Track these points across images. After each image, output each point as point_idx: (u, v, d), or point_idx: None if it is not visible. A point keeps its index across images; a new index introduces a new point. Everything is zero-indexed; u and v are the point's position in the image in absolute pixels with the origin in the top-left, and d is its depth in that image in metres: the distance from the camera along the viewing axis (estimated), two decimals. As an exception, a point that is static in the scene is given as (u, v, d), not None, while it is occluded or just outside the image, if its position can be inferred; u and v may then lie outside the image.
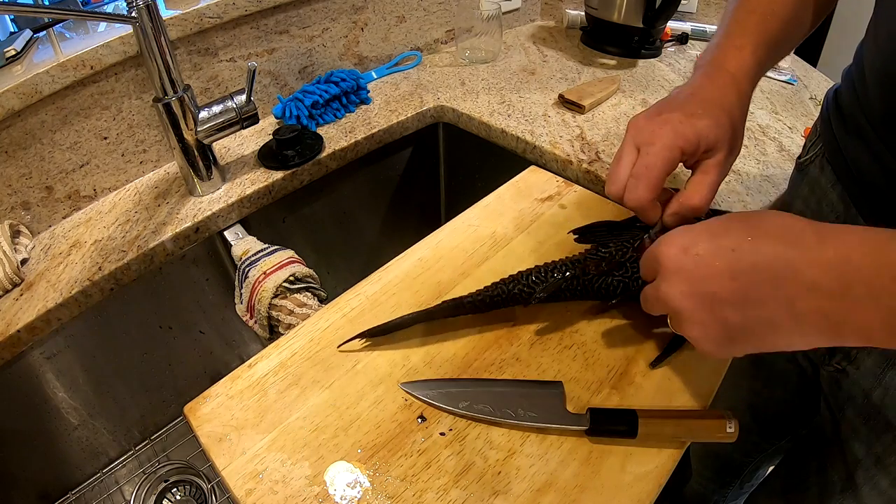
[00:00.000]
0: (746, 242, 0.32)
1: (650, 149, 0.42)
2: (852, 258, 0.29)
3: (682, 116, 0.42)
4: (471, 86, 0.92)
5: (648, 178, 0.42)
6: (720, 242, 0.33)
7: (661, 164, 0.42)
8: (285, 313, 0.62)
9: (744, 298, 0.32)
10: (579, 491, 0.38)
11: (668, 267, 0.35)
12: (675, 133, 0.42)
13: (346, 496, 0.38)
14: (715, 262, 0.33)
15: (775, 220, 0.33)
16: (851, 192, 0.47)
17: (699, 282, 0.33)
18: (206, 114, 0.68)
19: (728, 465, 0.82)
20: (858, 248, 0.29)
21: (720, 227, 0.34)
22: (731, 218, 0.35)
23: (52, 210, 0.70)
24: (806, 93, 0.86)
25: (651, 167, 0.42)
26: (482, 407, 0.42)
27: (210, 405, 0.44)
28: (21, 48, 0.67)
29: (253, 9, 0.77)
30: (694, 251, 0.34)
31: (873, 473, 0.47)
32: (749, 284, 0.31)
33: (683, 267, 0.34)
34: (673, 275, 0.35)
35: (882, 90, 0.42)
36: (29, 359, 0.62)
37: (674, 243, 0.35)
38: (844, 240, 0.30)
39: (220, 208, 0.70)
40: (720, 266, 0.32)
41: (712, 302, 0.33)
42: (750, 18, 0.47)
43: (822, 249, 0.30)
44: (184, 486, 0.73)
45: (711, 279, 0.33)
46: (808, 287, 0.30)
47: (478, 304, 0.47)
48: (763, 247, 0.31)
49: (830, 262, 0.29)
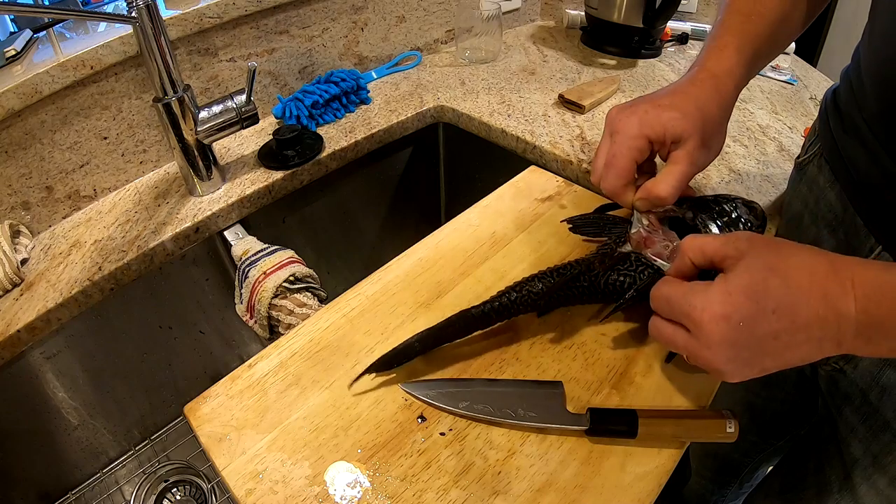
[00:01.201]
0: (785, 303, 0.33)
1: (617, 137, 0.46)
2: (869, 308, 0.32)
3: (649, 107, 0.45)
4: (471, 86, 0.92)
5: (616, 166, 0.45)
6: (762, 306, 0.33)
7: (626, 151, 0.45)
8: (285, 313, 0.62)
9: (782, 351, 0.34)
10: (579, 491, 0.38)
11: (711, 337, 0.35)
12: (641, 122, 0.44)
13: (346, 496, 0.38)
14: (758, 329, 0.34)
15: (803, 265, 0.34)
16: (849, 191, 0.47)
17: (744, 349, 0.34)
18: (206, 114, 0.68)
19: (727, 465, 0.82)
20: (873, 296, 0.32)
21: (759, 287, 0.34)
22: (764, 270, 0.35)
23: (52, 210, 0.70)
24: (806, 93, 0.86)
25: (618, 155, 0.45)
26: (482, 407, 0.42)
27: (210, 405, 0.44)
28: (21, 48, 0.67)
29: (253, 9, 0.77)
30: (737, 320, 0.34)
31: (871, 473, 0.47)
32: (788, 339, 0.34)
33: (727, 338, 0.34)
34: (717, 345, 0.35)
35: (878, 90, 0.42)
36: (29, 359, 0.62)
37: (713, 312, 0.35)
38: (861, 284, 0.32)
39: (220, 208, 0.70)
40: (764, 331, 0.34)
41: (755, 358, 0.35)
42: (734, 19, 0.49)
43: (845, 297, 0.32)
44: (184, 486, 0.73)
45: (756, 344, 0.34)
46: (835, 335, 0.33)
47: (487, 314, 0.45)
48: (801, 307, 0.33)
49: (851, 312, 0.32)
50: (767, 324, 0.33)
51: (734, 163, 0.70)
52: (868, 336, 0.32)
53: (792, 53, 0.98)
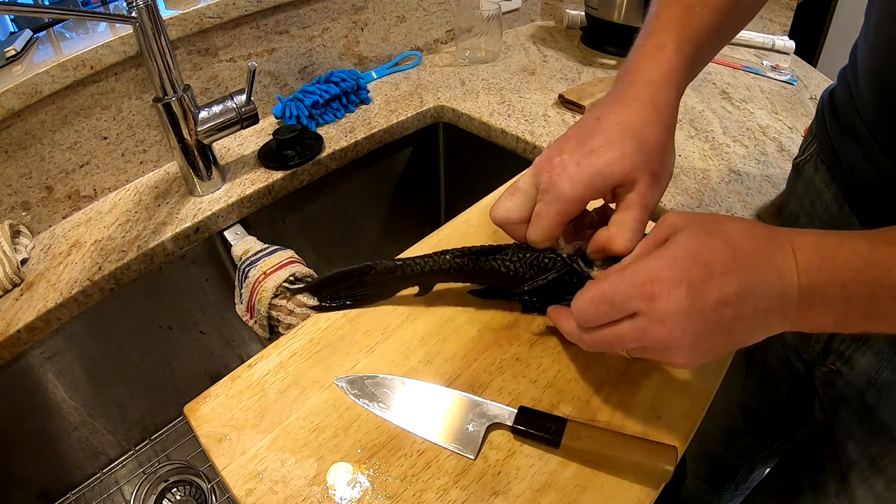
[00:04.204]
0: (731, 266, 0.32)
1: (546, 197, 0.40)
2: (809, 271, 0.31)
3: (580, 158, 0.39)
4: (471, 86, 0.92)
5: (542, 226, 0.40)
6: (710, 269, 0.32)
7: (554, 216, 0.40)
8: (285, 313, 0.62)
9: (731, 322, 0.32)
10: (579, 491, 0.38)
11: (666, 308, 0.32)
12: (573, 181, 0.38)
13: (346, 496, 0.38)
14: (710, 294, 0.31)
15: (744, 230, 0.33)
16: (845, 191, 0.47)
17: (698, 318, 0.32)
18: (206, 114, 0.68)
19: (722, 467, 0.82)
20: (812, 260, 0.31)
21: (704, 250, 0.32)
22: (706, 235, 0.33)
23: (52, 210, 0.70)
24: (806, 93, 0.86)
25: (545, 216, 0.40)
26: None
27: (210, 405, 0.44)
28: (21, 48, 0.67)
29: (253, 9, 0.77)
30: (688, 284, 0.32)
31: (868, 476, 0.47)
32: (737, 308, 0.32)
33: (682, 306, 0.31)
34: (673, 316, 0.32)
35: (874, 88, 0.42)
36: (29, 359, 0.62)
37: (665, 278, 0.32)
38: (800, 248, 0.32)
39: (220, 208, 0.70)
40: (716, 297, 0.31)
41: (707, 332, 0.32)
42: (672, 11, 0.42)
43: (786, 259, 0.32)
44: (184, 486, 0.73)
45: (709, 312, 0.32)
46: (779, 304, 0.32)
47: (403, 269, 0.47)
48: (747, 270, 0.32)
49: (793, 275, 0.31)
50: (718, 288, 0.31)
51: (734, 163, 0.70)
52: (810, 303, 0.31)
53: (792, 53, 0.98)
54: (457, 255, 0.46)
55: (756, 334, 0.33)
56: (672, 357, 0.34)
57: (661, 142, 0.40)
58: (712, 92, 0.87)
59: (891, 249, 0.30)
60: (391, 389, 0.43)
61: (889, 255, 0.30)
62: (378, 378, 0.44)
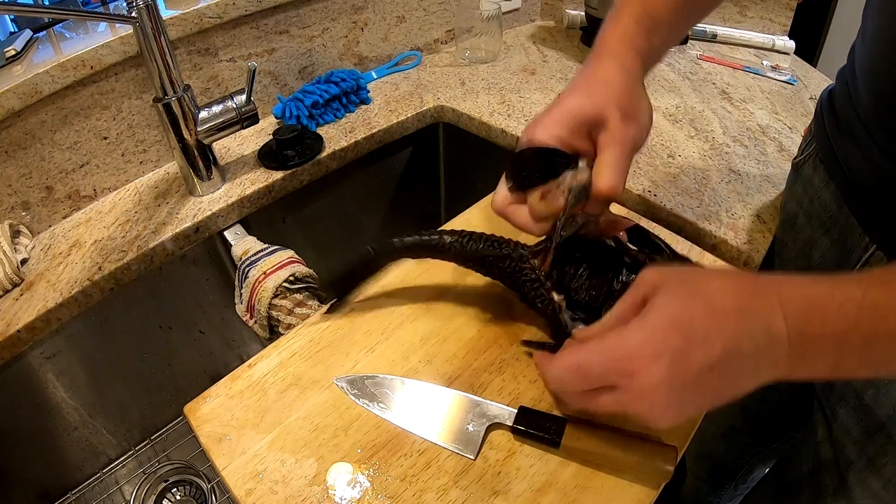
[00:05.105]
0: (713, 329, 0.30)
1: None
2: (799, 325, 0.30)
3: (551, 108, 0.41)
4: (471, 86, 0.92)
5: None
6: (690, 336, 0.30)
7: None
8: (285, 313, 0.62)
9: (718, 383, 0.31)
10: (579, 491, 0.38)
11: (645, 385, 0.31)
12: (543, 126, 0.40)
13: (346, 496, 0.38)
14: (692, 363, 0.30)
15: (725, 287, 0.32)
16: (843, 191, 0.47)
17: (681, 388, 0.31)
18: (206, 114, 0.68)
19: (722, 466, 0.82)
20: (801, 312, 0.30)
21: (683, 317, 0.31)
22: (685, 298, 0.32)
23: (52, 210, 0.70)
24: (806, 93, 0.86)
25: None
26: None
27: (210, 405, 0.44)
28: (21, 48, 0.67)
29: (253, 9, 0.77)
30: (669, 357, 0.30)
31: (865, 476, 0.47)
32: (722, 369, 0.31)
33: (663, 381, 0.30)
34: (653, 391, 0.31)
35: (871, 89, 0.42)
36: (29, 359, 0.62)
37: (642, 354, 0.31)
38: (788, 301, 0.30)
39: (220, 208, 0.70)
40: (699, 364, 0.30)
41: (693, 397, 0.32)
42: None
43: (773, 315, 0.30)
44: (184, 486, 0.73)
45: (693, 380, 0.31)
46: (769, 359, 0.31)
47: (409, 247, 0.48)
48: (730, 331, 0.30)
49: (782, 331, 0.30)
50: (701, 354, 0.30)
51: (734, 163, 0.70)
52: (802, 354, 0.30)
53: (792, 53, 0.98)
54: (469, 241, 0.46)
55: (745, 388, 0.32)
56: (656, 425, 0.32)
57: (629, 84, 0.41)
58: (712, 92, 0.87)
59: (886, 291, 0.29)
60: (391, 389, 0.43)
61: (885, 298, 0.29)
62: (378, 378, 0.44)
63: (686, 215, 0.62)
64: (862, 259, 0.44)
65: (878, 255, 0.43)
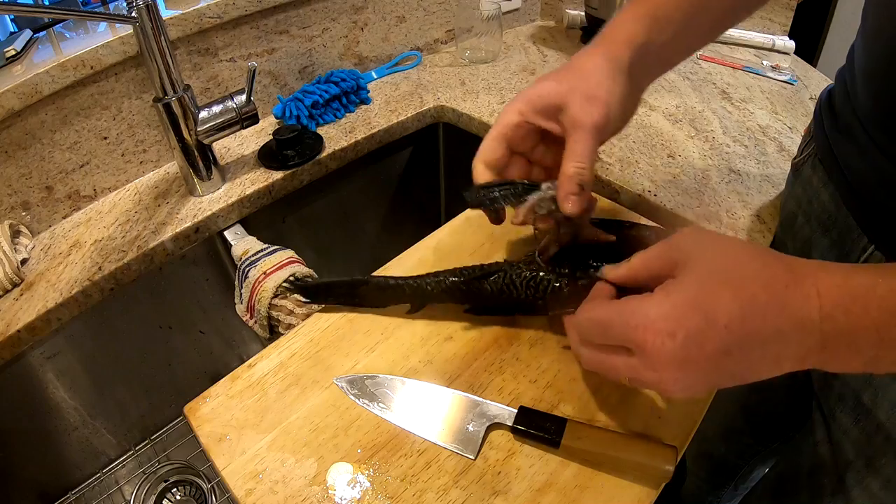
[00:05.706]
0: (737, 317, 0.30)
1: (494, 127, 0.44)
2: (836, 316, 0.29)
3: (527, 88, 0.43)
4: (471, 86, 0.92)
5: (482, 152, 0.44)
6: (711, 319, 0.30)
7: (495, 135, 0.43)
8: (285, 313, 0.62)
9: (734, 368, 0.31)
10: (579, 491, 0.38)
11: (656, 358, 0.31)
12: (513, 107, 0.43)
13: (346, 496, 0.38)
14: (708, 346, 0.30)
15: (759, 275, 0.31)
16: (842, 191, 0.47)
17: (693, 368, 0.31)
18: (206, 114, 0.68)
19: (722, 466, 0.82)
20: (840, 303, 0.29)
21: (708, 299, 0.30)
22: (714, 280, 0.31)
23: (52, 210, 0.70)
24: (806, 93, 0.86)
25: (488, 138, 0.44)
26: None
27: (210, 405, 0.44)
28: (21, 48, 0.67)
29: (253, 9, 0.77)
30: (683, 336, 0.30)
31: (864, 476, 0.47)
32: (741, 356, 0.30)
33: (674, 358, 0.30)
34: (663, 367, 0.31)
35: (870, 89, 0.42)
36: (29, 359, 0.62)
37: (657, 329, 0.31)
38: (826, 292, 0.29)
39: (220, 208, 0.70)
40: (715, 347, 0.30)
41: (705, 377, 0.31)
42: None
43: (807, 306, 0.29)
44: (184, 486, 0.73)
45: (706, 362, 0.30)
46: (796, 351, 0.30)
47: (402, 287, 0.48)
48: (756, 322, 0.30)
49: (815, 323, 0.29)
50: (719, 339, 0.30)
51: (734, 163, 0.70)
52: (835, 348, 0.29)
53: (792, 53, 0.98)
54: (451, 276, 0.46)
55: (763, 374, 0.31)
56: (669, 395, 0.33)
57: (605, 71, 0.41)
58: (712, 92, 0.87)
59: None
60: (391, 389, 0.43)
61: None
62: (378, 378, 0.44)
63: (686, 215, 0.62)
64: (860, 260, 0.45)
65: (877, 255, 0.43)
